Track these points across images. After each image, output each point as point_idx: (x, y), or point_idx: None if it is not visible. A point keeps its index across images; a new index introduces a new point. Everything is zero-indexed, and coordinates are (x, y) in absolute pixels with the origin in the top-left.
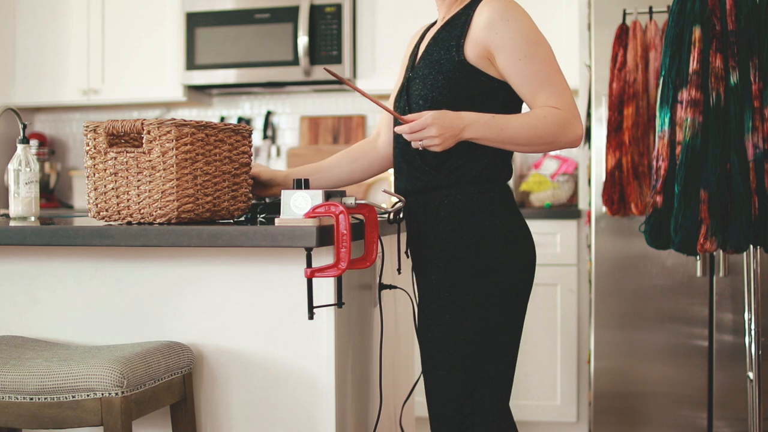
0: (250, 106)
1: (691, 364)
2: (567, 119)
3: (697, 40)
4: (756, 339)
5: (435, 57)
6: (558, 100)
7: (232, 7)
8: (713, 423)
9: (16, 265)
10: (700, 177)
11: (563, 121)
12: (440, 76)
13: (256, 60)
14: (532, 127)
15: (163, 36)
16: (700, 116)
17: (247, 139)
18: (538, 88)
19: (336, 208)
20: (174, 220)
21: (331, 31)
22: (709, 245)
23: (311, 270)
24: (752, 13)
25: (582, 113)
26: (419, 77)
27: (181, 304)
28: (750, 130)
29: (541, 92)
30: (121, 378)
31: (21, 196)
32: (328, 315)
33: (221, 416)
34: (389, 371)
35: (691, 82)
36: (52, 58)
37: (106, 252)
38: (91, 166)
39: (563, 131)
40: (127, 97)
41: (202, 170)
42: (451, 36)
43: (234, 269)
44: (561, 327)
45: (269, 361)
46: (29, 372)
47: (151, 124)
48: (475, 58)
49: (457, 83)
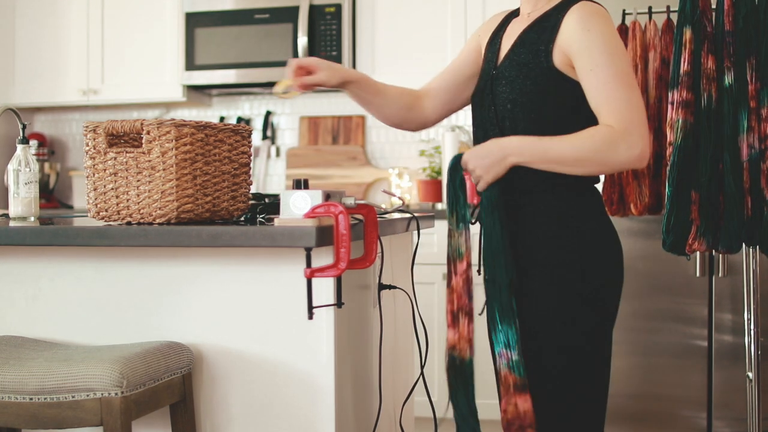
0: (250, 107)
1: (691, 364)
2: (617, 138)
3: (688, 42)
4: (755, 339)
5: (522, 59)
6: (617, 117)
7: (232, 7)
8: (712, 423)
9: (16, 265)
10: (692, 178)
11: (612, 140)
12: (528, 81)
13: (255, 60)
14: (578, 148)
15: (162, 36)
16: (691, 117)
17: (247, 139)
18: (602, 102)
19: (335, 209)
20: (173, 220)
21: (331, 32)
22: (698, 245)
23: (311, 270)
24: (751, 14)
25: None
26: (505, 78)
27: (180, 304)
28: (745, 131)
29: (604, 106)
30: (120, 378)
31: (21, 196)
32: (328, 315)
33: (221, 416)
34: (389, 371)
35: (682, 83)
36: (52, 59)
37: (106, 252)
38: (91, 166)
39: (612, 150)
40: (126, 97)
41: (201, 170)
42: (540, 39)
43: (234, 269)
44: None
45: (269, 361)
46: (29, 372)
47: (150, 124)
48: (561, 65)
49: (545, 89)
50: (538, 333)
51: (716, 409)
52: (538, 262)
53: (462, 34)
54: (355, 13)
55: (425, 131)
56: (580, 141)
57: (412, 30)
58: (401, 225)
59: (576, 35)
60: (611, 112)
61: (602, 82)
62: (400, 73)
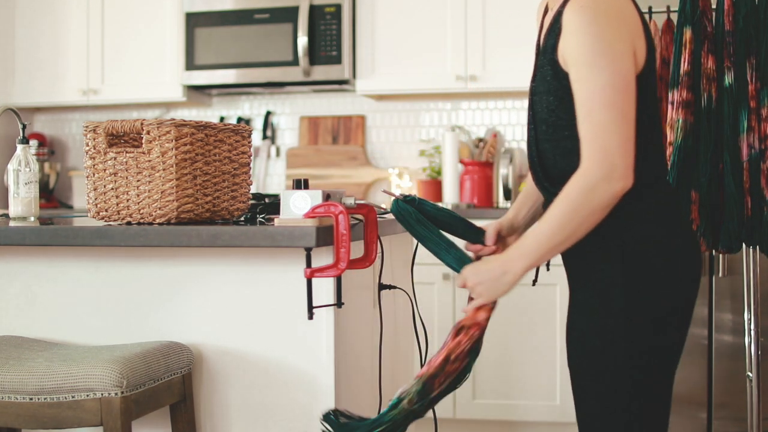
0: (250, 107)
1: (691, 363)
2: (591, 182)
3: (688, 41)
4: (755, 339)
5: (543, 72)
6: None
7: (232, 7)
8: (712, 423)
9: (16, 265)
10: (692, 178)
11: (587, 188)
12: (551, 97)
13: (255, 60)
14: (561, 217)
15: (162, 36)
16: (691, 117)
17: (247, 139)
18: (581, 125)
19: (335, 208)
20: (173, 220)
21: (331, 32)
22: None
23: (311, 270)
24: (751, 14)
25: None
26: (537, 94)
27: (180, 304)
28: (745, 131)
29: (581, 130)
30: (120, 378)
31: (21, 196)
32: (328, 315)
33: (221, 416)
34: (389, 371)
35: (682, 83)
36: (52, 58)
37: (105, 252)
38: (91, 166)
39: (592, 197)
40: (126, 97)
41: (201, 170)
42: (549, 46)
43: (234, 269)
44: (561, 327)
45: (269, 361)
46: (29, 372)
47: (150, 124)
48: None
49: (565, 100)
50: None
51: (716, 408)
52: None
53: (462, 34)
54: (355, 13)
55: (425, 131)
56: (559, 209)
57: (412, 30)
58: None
59: (566, 40)
60: (586, 141)
61: (583, 100)
62: (400, 73)
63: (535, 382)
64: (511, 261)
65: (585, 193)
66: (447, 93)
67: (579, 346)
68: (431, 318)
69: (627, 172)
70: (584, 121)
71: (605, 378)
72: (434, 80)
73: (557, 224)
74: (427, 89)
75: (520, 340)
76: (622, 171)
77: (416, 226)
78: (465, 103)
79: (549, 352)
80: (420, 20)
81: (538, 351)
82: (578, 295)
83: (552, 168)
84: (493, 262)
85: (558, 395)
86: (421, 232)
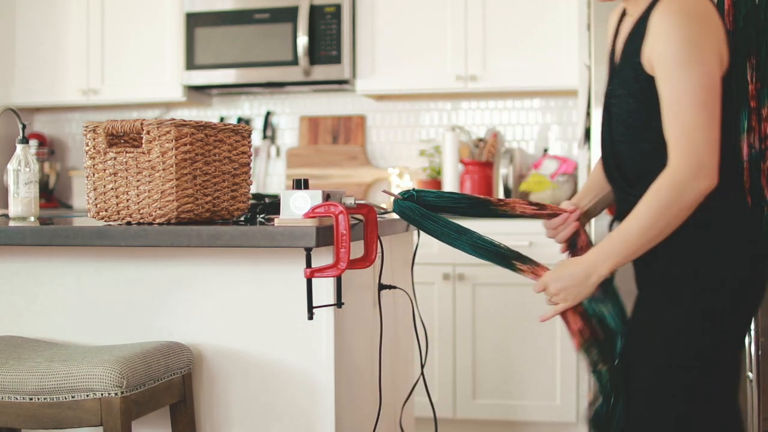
0: (250, 106)
1: None
2: (681, 179)
3: None
4: (755, 339)
5: (624, 75)
6: (678, 148)
7: (232, 7)
8: None
9: (16, 265)
10: None
11: (677, 185)
12: (630, 99)
13: (255, 60)
14: (651, 214)
15: (162, 36)
16: None
17: (247, 139)
18: (669, 124)
19: (335, 208)
20: (173, 221)
21: (331, 31)
22: None
23: (311, 270)
24: (751, 14)
25: (581, 113)
26: (615, 97)
27: (180, 304)
28: (745, 131)
29: (669, 130)
30: (120, 378)
31: (20, 196)
32: (328, 315)
33: (221, 416)
34: (389, 371)
35: None
36: (52, 58)
37: (105, 252)
38: (91, 166)
39: (682, 194)
40: (126, 97)
41: (201, 170)
42: (632, 50)
43: (234, 269)
44: (561, 327)
45: (269, 362)
46: (29, 372)
47: (150, 124)
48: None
49: (645, 103)
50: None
51: None
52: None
53: (462, 34)
54: (355, 13)
55: (425, 131)
56: (648, 207)
57: (412, 30)
58: (401, 225)
59: (655, 41)
60: (674, 140)
61: (672, 100)
62: (400, 73)
63: (536, 382)
64: (596, 263)
65: (675, 191)
66: (447, 93)
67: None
68: (431, 318)
69: (713, 171)
70: (673, 121)
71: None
72: (434, 80)
73: (647, 222)
74: (427, 89)
75: (520, 340)
76: (709, 169)
77: (423, 222)
78: (465, 103)
79: (549, 352)
80: (420, 20)
81: (539, 351)
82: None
83: (629, 169)
84: (575, 266)
85: (558, 395)
86: (428, 226)
